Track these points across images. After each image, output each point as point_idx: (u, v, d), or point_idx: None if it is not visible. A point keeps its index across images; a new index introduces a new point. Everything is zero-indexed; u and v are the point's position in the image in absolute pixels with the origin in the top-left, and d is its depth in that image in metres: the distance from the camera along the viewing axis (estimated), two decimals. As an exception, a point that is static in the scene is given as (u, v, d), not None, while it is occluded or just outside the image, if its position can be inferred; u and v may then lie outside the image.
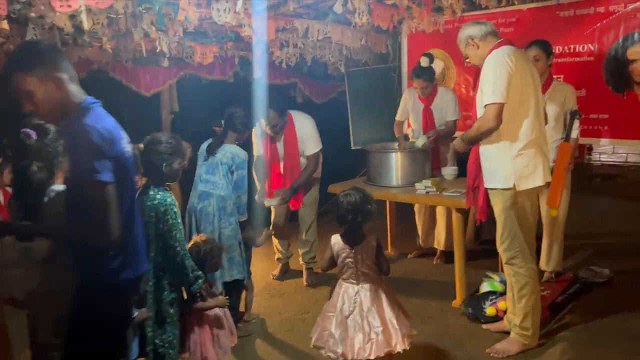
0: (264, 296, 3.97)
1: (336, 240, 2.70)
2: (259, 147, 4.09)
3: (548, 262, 3.68)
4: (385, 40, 5.30)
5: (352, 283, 2.66)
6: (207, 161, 3.27)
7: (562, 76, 3.82)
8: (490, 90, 2.60)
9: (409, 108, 4.40)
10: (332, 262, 2.73)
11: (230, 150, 3.21)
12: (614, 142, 3.70)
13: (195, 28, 3.72)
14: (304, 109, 4.37)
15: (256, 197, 4.13)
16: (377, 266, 2.65)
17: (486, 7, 4.17)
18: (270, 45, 4.52)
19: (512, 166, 2.69)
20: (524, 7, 3.97)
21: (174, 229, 2.42)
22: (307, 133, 3.98)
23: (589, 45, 3.69)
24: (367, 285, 2.64)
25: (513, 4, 4.00)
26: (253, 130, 4.02)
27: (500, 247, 2.85)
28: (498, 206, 2.79)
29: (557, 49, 3.81)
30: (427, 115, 4.20)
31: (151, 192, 2.46)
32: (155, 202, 2.42)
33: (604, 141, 3.72)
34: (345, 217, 2.59)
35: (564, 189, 3.55)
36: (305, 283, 4.18)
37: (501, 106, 2.59)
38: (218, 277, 3.08)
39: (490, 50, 2.70)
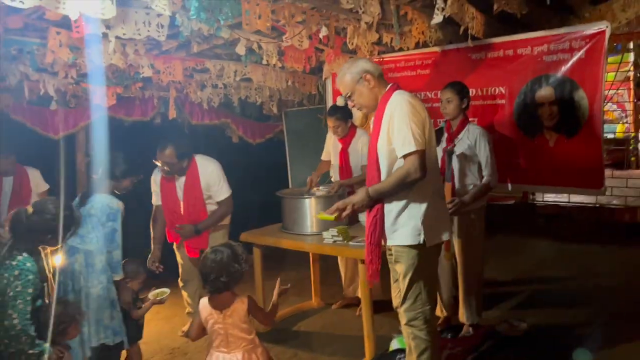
0: (164, 356, 3.67)
1: (203, 304, 2.46)
2: (157, 196, 3.82)
3: (465, 314, 3.47)
4: (317, 81, 5.20)
5: (223, 352, 2.41)
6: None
7: (476, 119, 3.70)
8: (408, 136, 2.34)
9: (330, 148, 4.25)
10: (201, 329, 2.48)
11: (101, 201, 2.94)
12: (526, 188, 3.56)
13: (90, 69, 3.54)
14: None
15: (148, 261, 3.75)
16: (252, 328, 2.43)
17: (401, 49, 4.09)
18: (185, 86, 4.35)
19: (421, 220, 2.45)
20: (439, 49, 3.88)
21: (18, 298, 2.19)
22: (214, 178, 3.72)
23: (501, 88, 3.59)
24: (239, 354, 2.39)
25: (428, 46, 3.91)
26: (152, 178, 3.81)
27: (400, 308, 2.61)
28: (403, 265, 2.53)
29: (471, 92, 3.70)
30: (344, 157, 4.04)
31: (14, 252, 2.28)
32: (14, 263, 2.24)
33: (517, 187, 3.58)
34: (208, 276, 2.37)
35: (475, 235, 3.38)
36: None
37: (424, 153, 2.37)
38: (86, 341, 2.80)
39: (389, 93, 2.48)
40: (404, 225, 2.49)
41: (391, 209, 2.51)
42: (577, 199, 6.63)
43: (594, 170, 3.24)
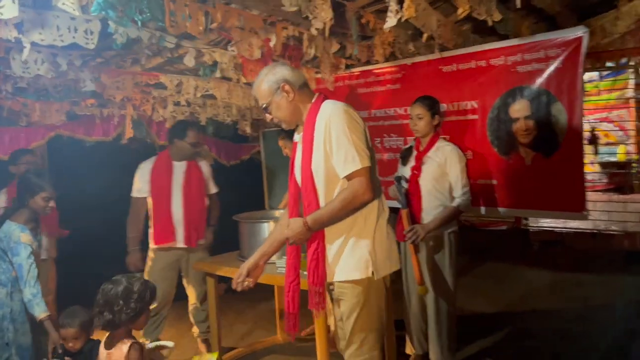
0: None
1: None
2: (143, 188, 3.65)
3: (435, 354, 3.10)
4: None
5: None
6: None
7: (448, 136, 3.39)
8: (351, 152, 1.99)
9: None
10: None
11: (5, 230, 2.66)
12: (501, 212, 3.21)
13: (28, 83, 3.28)
14: (213, 171, 3.99)
15: (133, 260, 3.62)
16: None
17: (370, 63, 3.82)
18: (141, 103, 4.09)
19: (369, 248, 2.11)
20: (409, 61, 3.60)
21: None
22: (209, 172, 3.92)
23: (473, 102, 3.28)
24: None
25: (397, 59, 3.63)
26: (140, 168, 3.70)
27: (345, 352, 2.24)
28: (346, 303, 2.16)
29: (442, 107, 3.40)
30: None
31: None
32: None
33: (491, 210, 3.24)
34: (94, 308, 2.09)
35: (445, 264, 3.04)
36: None
37: (370, 171, 2.03)
38: None
39: (316, 104, 2.15)
40: (348, 256, 2.13)
41: (332, 239, 2.15)
42: (573, 224, 6.24)
43: (575, 192, 2.90)
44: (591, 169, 8.02)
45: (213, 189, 3.93)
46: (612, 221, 6.09)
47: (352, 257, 2.12)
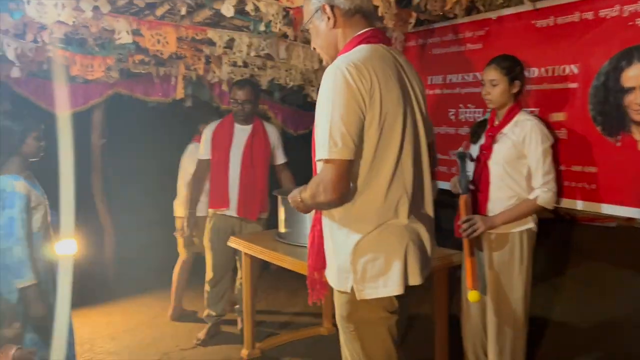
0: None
1: None
2: (207, 149, 3.50)
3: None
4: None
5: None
6: None
7: (537, 109, 2.70)
8: (324, 135, 1.53)
9: None
10: None
11: None
12: (603, 208, 2.49)
13: (67, 34, 3.07)
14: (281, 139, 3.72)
15: (184, 225, 3.50)
16: None
17: (446, 18, 3.17)
18: (193, 61, 3.77)
19: (350, 258, 1.64)
20: (494, 15, 2.91)
21: None
22: (277, 141, 3.63)
23: (572, 66, 2.55)
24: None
25: (479, 12, 2.96)
26: (205, 130, 3.54)
27: None
28: (337, 312, 1.77)
29: (534, 72, 2.71)
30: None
31: None
32: None
33: (589, 205, 2.52)
34: None
35: (516, 269, 2.41)
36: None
37: (346, 166, 1.54)
38: None
39: (347, 48, 1.67)
40: (330, 256, 1.73)
41: (324, 230, 1.75)
42: None
43: None
44: None
45: (280, 159, 3.64)
46: None
47: (334, 260, 1.71)
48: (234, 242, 3.19)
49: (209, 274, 3.51)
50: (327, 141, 1.51)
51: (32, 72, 3.78)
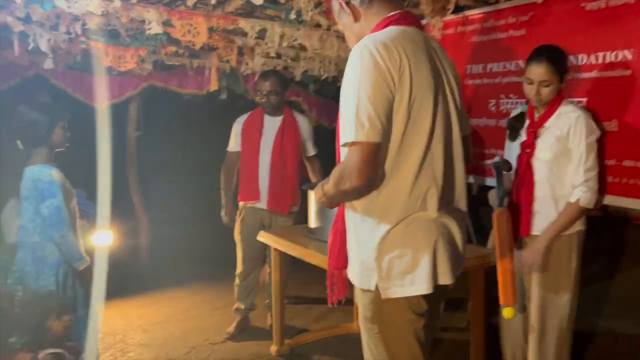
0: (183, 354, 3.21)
1: None
2: (237, 141, 3.45)
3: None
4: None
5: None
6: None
7: (585, 99, 2.50)
8: (350, 117, 1.41)
9: None
10: None
11: (29, 176, 2.36)
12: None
13: (99, 25, 3.06)
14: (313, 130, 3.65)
15: (222, 214, 3.46)
16: None
17: (487, 3, 2.99)
18: (225, 52, 3.72)
19: (375, 254, 1.52)
20: (540, -1, 2.72)
21: None
22: (307, 129, 3.51)
23: (626, 52, 2.34)
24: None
25: (524, -4, 2.78)
26: (236, 123, 3.47)
27: None
28: (360, 313, 1.68)
29: (582, 59, 2.51)
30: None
31: None
32: None
33: (637, 204, 2.31)
34: None
35: (563, 273, 2.24)
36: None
37: (372, 149, 1.41)
38: None
39: (376, 30, 1.55)
40: (352, 255, 1.62)
41: (348, 223, 1.63)
42: None
43: None
44: None
45: (311, 151, 3.54)
46: None
47: (357, 257, 1.59)
48: (263, 237, 3.13)
49: (239, 267, 3.46)
50: (353, 123, 1.39)
51: (69, 64, 3.82)
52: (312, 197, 2.95)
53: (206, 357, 3.21)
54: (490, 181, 2.67)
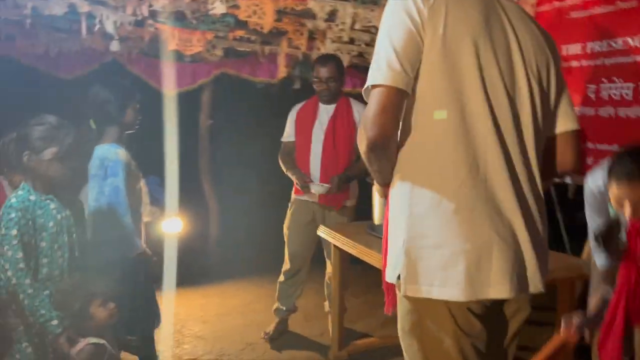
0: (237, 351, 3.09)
1: None
2: (291, 131, 3.27)
3: None
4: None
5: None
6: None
7: None
8: (375, 58, 1.26)
9: None
10: None
11: (97, 155, 2.29)
12: None
13: (165, 6, 3.00)
14: None
15: (300, 187, 3.15)
16: None
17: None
18: (294, 37, 3.54)
19: (404, 236, 1.26)
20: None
21: (4, 242, 1.77)
22: None
23: None
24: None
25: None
26: (290, 115, 3.28)
27: None
28: (398, 322, 1.40)
29: None
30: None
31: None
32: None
33: None
34: None
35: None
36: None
37: (391, 94, 1.21)
38: None
39: None
40: (389, 245, 1.36)
41: (390, 202, 1.39)
42: None
43: None
44: None
45: None
46: None
47: (391, 248, 1.35)
48: (323, 232, 2.91)
49: (285, 264, 3.27)
50: (373, 66, 1.24)
51: (142, 49, 3.84)
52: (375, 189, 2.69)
53: (260, 356, 3.06)
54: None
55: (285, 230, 3.28)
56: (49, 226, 1.87)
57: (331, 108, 3.17)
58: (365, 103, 1.29)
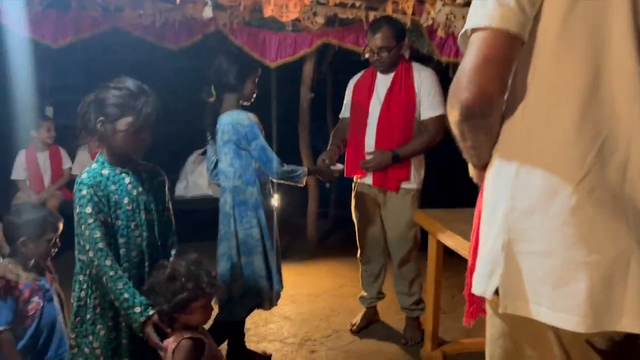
0: (325, 337, 2.94)
1: None
2: (347, 106, 2.99)
3: None
4: None
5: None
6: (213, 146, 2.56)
7: None
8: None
9: None
10: None
11: (227, 121, 2.36)
12: None
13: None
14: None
15: (319, 159, 2.87)
16: None
17: None
18: (400, 0, 3.19)
19: (503, 239, 0.96)
20: None
21: (80, 221, 1.67)
22: (428, 84, 2.76)
23: None
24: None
25: None
26: (348, 86, 2.99)
27: None
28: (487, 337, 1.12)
29: None
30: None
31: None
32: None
33: None
34: None
35: None
36: (403, 341, 2.87)
37: (498, 39, 0.91)
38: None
39: None
40: (480, 244, 1.05)
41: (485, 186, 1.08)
42: None
43: None
44: None
45: (426, 112, 2.76)
46: None
47: (483, 251, 1.04)
48: (418, 217, 2.61)
49: (359, 251, 3.03)
50: (473, 5, 0.94)
51: (244, 20, 3.74)
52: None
53: (346, 345, 2.86)
54: None
55: (353, 214, 3.03)
56: (124, 203, 1.74)
57: (388, 78, 2.81)
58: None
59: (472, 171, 1.18)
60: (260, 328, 3.04)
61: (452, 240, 2.22)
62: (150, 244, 1.80)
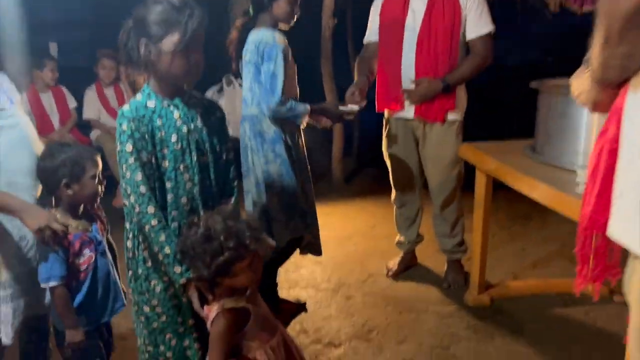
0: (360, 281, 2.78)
1: None
2: (374, 28, 2.59)
3: None
4: None
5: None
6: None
7: None
8: None
9: None
10: None
11: (252, 39, 2.16)
12: None
13: None
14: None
15: (348, 92, 2.51)
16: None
17: None
18: None
19: None
20: None
21: (121, 161, 1.43)
22: (474, 1, 2.39)
23: None
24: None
25: None
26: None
27: None
28: (634, 291, 0.90)
29: None
30: None
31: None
32: None
33: None
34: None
35: None
36: (445, 285, 2.69)
37: None
38: None
39: None
40: (629, 195, 0.82)
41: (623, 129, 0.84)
42: None
43: None
44: None
45: (472, 31, 2.42)
46: None
47: (627, 190, 0.84)
48: (465, 152, 2.34)
49: (393, 193, 2.79)
50: None
51: None
52: (545, 101, 2.02)
53: (382, 290, 2.68)
54: None
55: (384, 154, 2.75)
56: (172, 141, 1.46)
57: None
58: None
59: (586, 92, 0.89)
60: (291, 274, 2.87)
61: (511, 176, 1.96)
62: (203, 189, 1.53)
